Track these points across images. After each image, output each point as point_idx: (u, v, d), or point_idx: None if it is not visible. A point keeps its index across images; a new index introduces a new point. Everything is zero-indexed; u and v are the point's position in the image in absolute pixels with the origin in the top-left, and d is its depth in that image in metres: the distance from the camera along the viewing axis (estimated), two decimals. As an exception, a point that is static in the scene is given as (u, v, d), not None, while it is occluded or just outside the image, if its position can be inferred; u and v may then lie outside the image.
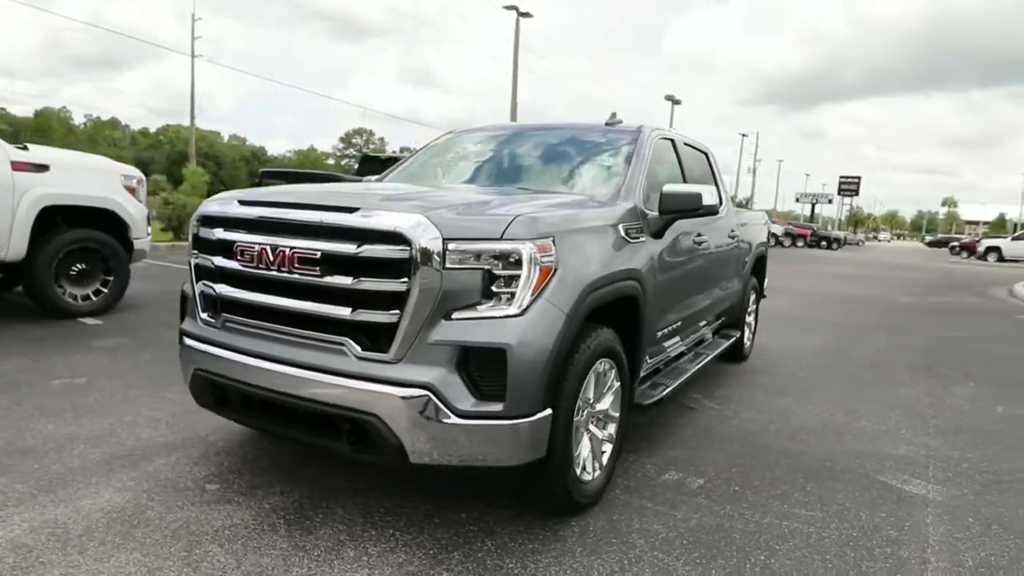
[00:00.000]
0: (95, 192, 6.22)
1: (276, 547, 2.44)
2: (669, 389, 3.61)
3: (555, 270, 2.43)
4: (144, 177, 6.98)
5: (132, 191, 6.61)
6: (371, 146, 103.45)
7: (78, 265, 6.19)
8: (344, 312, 2.35)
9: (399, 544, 2.50)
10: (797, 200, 75.65)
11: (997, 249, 33.39)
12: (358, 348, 2.35)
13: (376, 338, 2.35)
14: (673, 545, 2.60)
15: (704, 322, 4.57)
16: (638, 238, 3.14)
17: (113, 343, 5.35)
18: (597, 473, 2.87)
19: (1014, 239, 34.45)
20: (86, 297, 6.30)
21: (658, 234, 3.34)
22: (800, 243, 39.75)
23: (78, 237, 6.12)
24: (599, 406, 2.86)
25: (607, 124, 3.97)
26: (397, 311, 2.28)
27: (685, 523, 2.79)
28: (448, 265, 2.26)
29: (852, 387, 5.31)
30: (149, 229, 6.91)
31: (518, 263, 2.32)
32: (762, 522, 2.83)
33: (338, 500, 2.83)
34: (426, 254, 2.23)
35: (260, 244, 2.49)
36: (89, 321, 6.08)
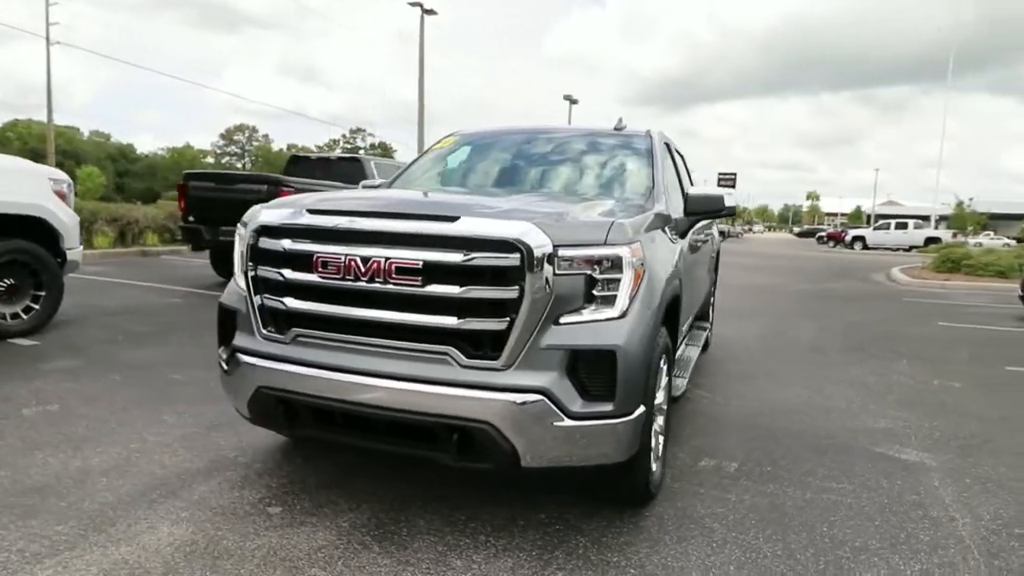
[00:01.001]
0: (21, 198, 5.61)
1: (379, 564, 2.39)
2: (687, 380, 3.83)
3: (644, 272, 2.54)
4: (72, 181, 6.37)
5: (62, 196, 6.02)
6: (255, 143, 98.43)
7: (5, 280, 5.57)
8: (450, 321, 2.33)
9: (499, 549, 2.52)
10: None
11: (862, 238, 37.19)
12: (463, 357, 2.35)
13: (482, 345, 2.35)
14: (745, 525, 2.79)
15: (692, 315, 4.85)
16: (675, 239, 3.32)
17: (65, 365, 4.87)
18: (656, 464, 3.01)
19: (875, 229, 38.47)
20: (15, 315, 5.67)
21: (684, 234, 3.54)
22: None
23: (4, 249, 5.49)
24: (657, 400, 3.00)
25: (616, 129, 4.11)
26: (507, 318, 2.30)
27: (742, 504, 2.99)
28: (557, 271, 2.31)
29: (808, 369, 5.81)
30: (81, 238, 6.32)
31: (619, 267, 2.41)
32: (806, 497, 3.09)
33: (413, 512, 2.79)
34: (538, 261, 2.27)
35: (348, 255, 2.42)
36: (23, 342, 5.48)
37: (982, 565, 2.53)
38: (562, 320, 2.35)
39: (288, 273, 2.56)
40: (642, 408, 2.49)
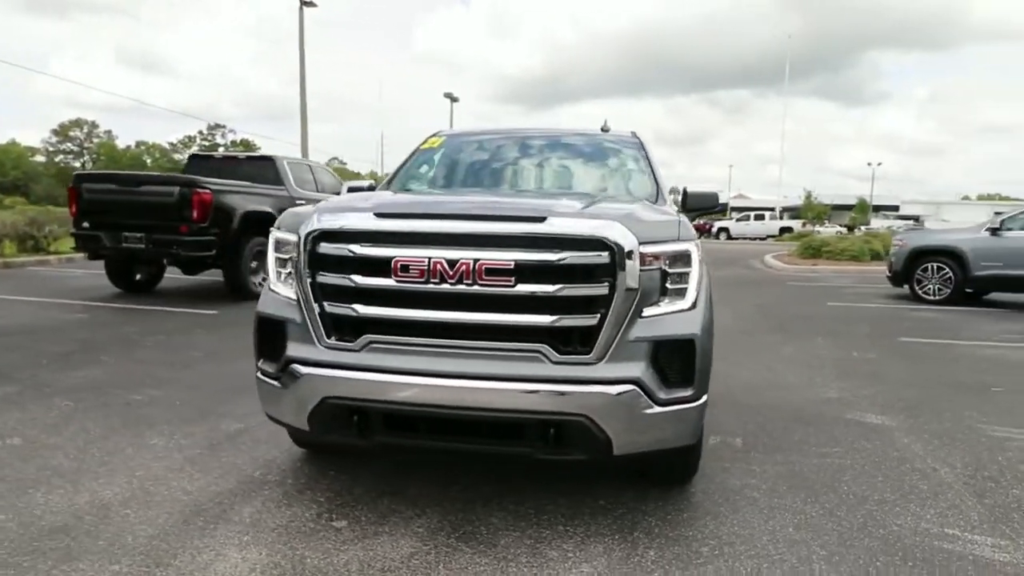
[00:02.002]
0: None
1: (478, 563, 2.41)
2: None
3: (702, 266, 2.73)
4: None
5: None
6: (96, 140, 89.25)
7: None
8: (544, 319, 2.39)
9: (583, 536, 2.62)
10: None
11: (726, 229, 40.47)
12: (555, 353, 2.42)
13: (573, 341, 2.43)
14: (779, 492, 3.08)
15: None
16: (686, 236, 3.56)
17: (-3, 393, 4.31)
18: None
19: (738, 220, 42.00)
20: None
21: (684, 230, 3.79)
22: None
23: None
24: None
25: (602, 130, 4.30)
26: (599, 313, 2.40)
27: (767, 474, 3.28)
28: (642, 267, 2.44)
29: (750, 350, 6.35)
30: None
31: (688, 262, 2.59)
32: (814, 463, 3.44)
33: (480, 512, 2.81)
34: (628, 258, 2.39)
35: (433, 258, 2.40)
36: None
37: (977, 504, 2.97)
38: (645, 313, 2.49)
39: (360, 279, 2.49)
40: (707, 392, 2.68)
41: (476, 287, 2.39)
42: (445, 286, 2.41)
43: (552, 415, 2.41)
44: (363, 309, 2.50)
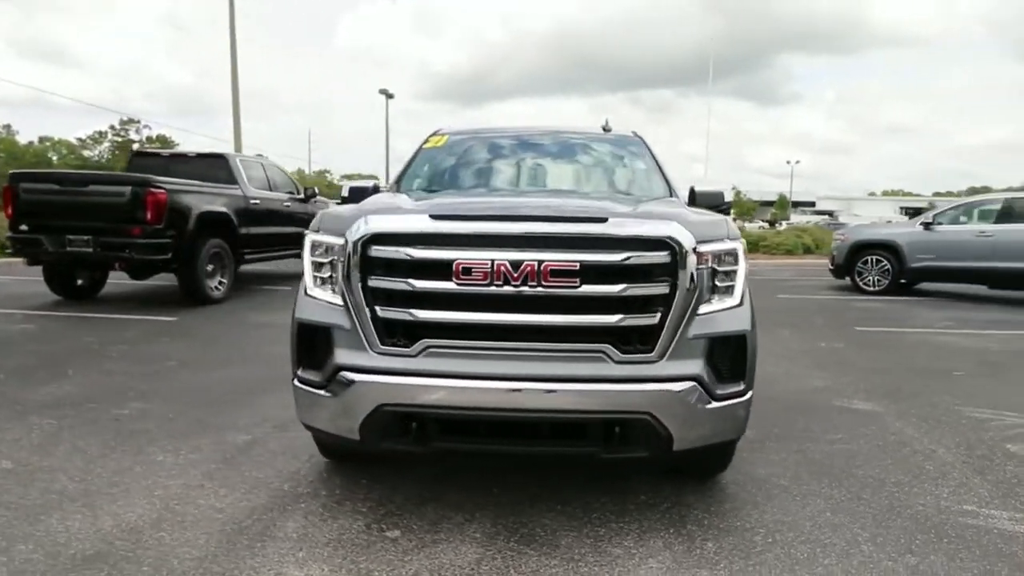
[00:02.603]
0: None
1: (548, 565, 2.41)
2: None
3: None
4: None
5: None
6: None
7: None
8: (610, 319, 2.41)
9: (639, 533, 2.66)
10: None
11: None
12: (618, 352, 2.44)
13: (634, 340, 2.46)
14: (804, 479, 3.21)
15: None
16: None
17: (-37, 413, 3.96)
18: None
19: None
20: None
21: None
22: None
23: None
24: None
25: (604, 130, 4.35)
26: (659, 313, 2.44)
27: (786, 463, 3.42)
28: (699, 266, 2.50)
29: (724, 343, 6.56)
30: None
31: (736, 260, 2.66)
32: (825, 450, 3.61)
33: (530, 514, 2.81)
34: (687, 257, 2.44)
35: (496, 260, 2.38)
36: None
37: (983, 482, 3.20)
38: (700, 311, 2.54)
39: (418, 282, 2.44)
40: (753, 386, 2.77)
41: (540, 289, 2.38)
42: (508, 288, 2.39)
43: (617, 414, 2.43)
44: (421, 313, 2.45)
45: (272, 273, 11.97)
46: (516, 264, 2.37)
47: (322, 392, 2.59)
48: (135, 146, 66.82)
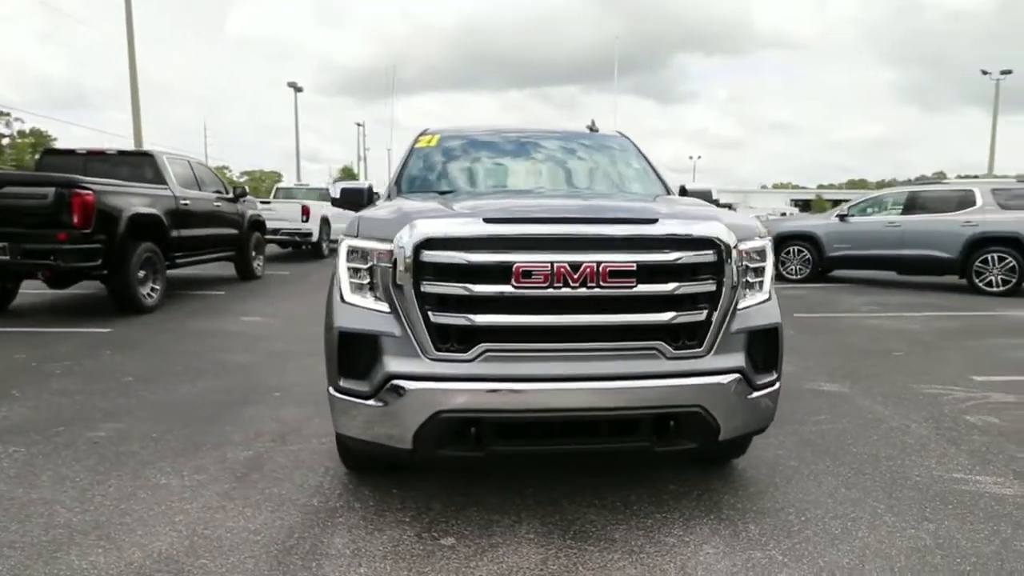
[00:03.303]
0: None
1: (613, 559, 2.46)
2: None
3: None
4: None
5: None
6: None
7: None
8: (664, 317, 2.49)
9: (684, 520, 2.76)
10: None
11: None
12: (670, 348, 2.53)
13: (683, 336, 2.55)
14: (808, 459, 3.43)
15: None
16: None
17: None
18: None
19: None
20: None
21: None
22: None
23: None
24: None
25: (591, 130, 4.43)
26: (707, 309, 2.55)
27: (786, 444, 3.64)
28: (738, 263, 2.62)
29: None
30: None
31: (765, 256, 2.81)
32: (815, 430, 3.87)
33: (573, 510, 2.85)
34: (731, 256, 2.56)
35: (556, 262, 2.40)
36: None
37: (959, 452, 3.54)
38: (740, 305, 2.67)
39: (475, 286, 2.42)
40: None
41: (598, 289, 2.43)
42: (566, 290, 2.42)
43: (671, 408, 2.52)
44: (479, 317, 2.44)
45: (199, 277, 11.33)
46: (576, 266, 2.40)
47: (370, 402, 2.52)
48: (4, 140, 60.77)
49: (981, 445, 3.63)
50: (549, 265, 2.39)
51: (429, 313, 2.46)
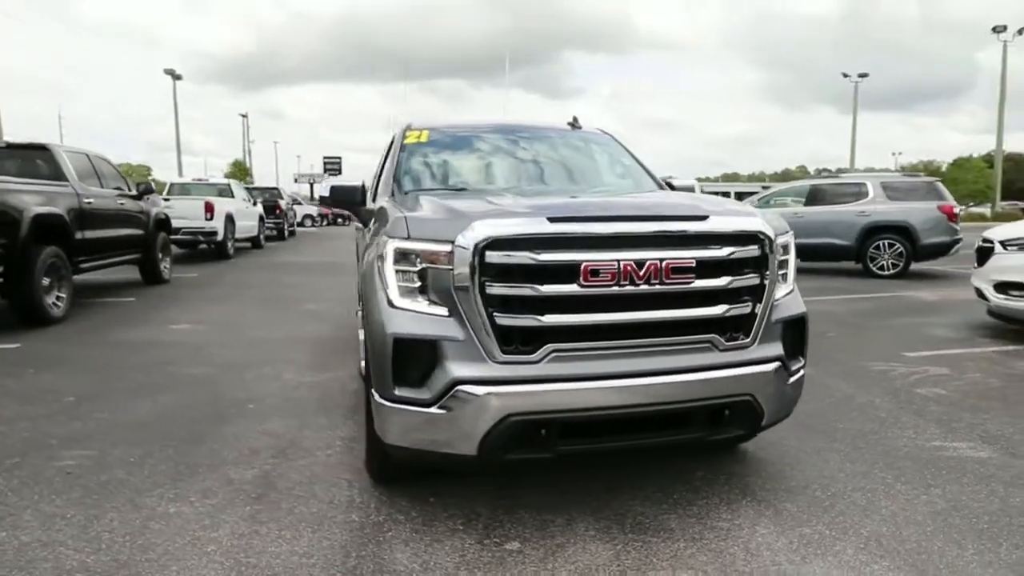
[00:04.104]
0: None
1: (681, 548, 2.53)
2: None
3: None
4: None
5: None
6: None
7: None
8: (718, 310, 2.57)
9: (727, 505, 2.88)
10: (296, 180, 78.27)
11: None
12: (723, 340, 2.62)
13: (733, 328, 2.65)
14: (806, 438, 3.67)
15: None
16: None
17: None
18: None
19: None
20: None
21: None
22: (325, 222, 42.09)
23: None
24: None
25: (574, 127, 4.46)
26: (753, 301, 2.66)
27: (780, 425, 3.82)
28: (776, 256, 2.76)
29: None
30: None
31: (789, 249, 2.97)
32: (803, 410, 3.95)
33: (619, 504, 2.89)
34: (773, 249, 2.69)
35: (623, 260, 2.42)
36: None
37: (925, 422, 3.92)
38: (776, 297, 2.81)
39: (544, 287, 2.39)
40: None
41: (660, 286, 2.47)
42: (630, 287, 2.45)
43: (726, 398, 2.61)
44: (547, 318, 2.41)
45: (102, 283, 10.31)
46: (640, 263, 2.44)
47: (432, 410, 2.43)
48: None
49: (942, 415, 4.04)
50: (616, 263, 2.41)
51: (494, 315, 2.40)
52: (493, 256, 2.39)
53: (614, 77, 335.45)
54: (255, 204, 18.89)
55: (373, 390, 2.62)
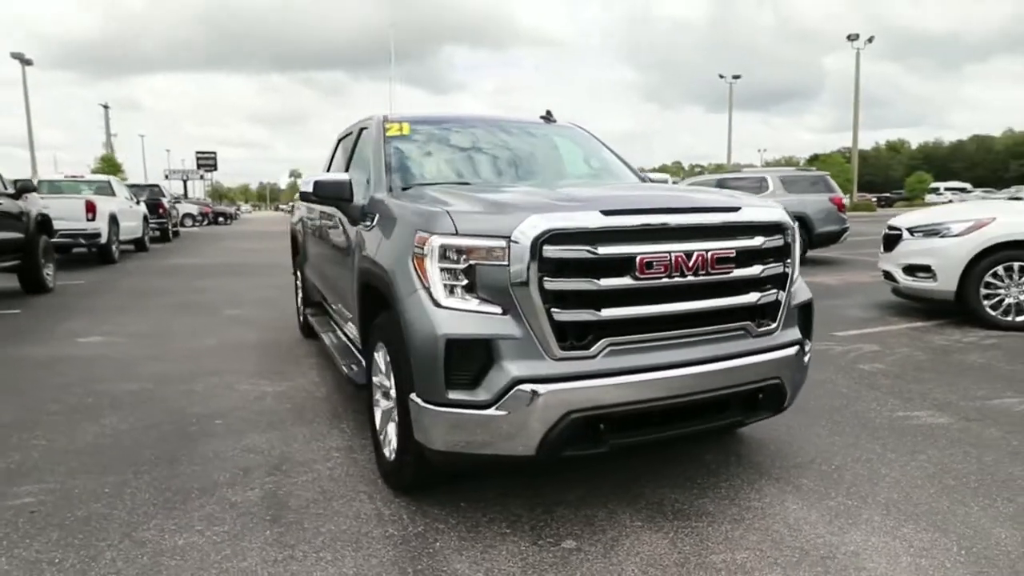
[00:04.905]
0: None
1: (725, 530, 2.60)
2: None
3: None
4: None
5: None
6: None
7: None
8: (752, 298, 2.66)
9: (756, 488, 2.99)
10: (167, 177, 72.55)
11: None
12: (755, 327, 2.72)
13: (758, 315, 2.76)
14: (791, 418, 3.81)
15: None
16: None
17: None
18: None
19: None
20: None
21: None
22: (206, 221, 39.62)
23: None
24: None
25: (548, 120, 4.45)
26: (777, 288, 2.78)
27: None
28: (795, 245, 2.90)
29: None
30: None
31: (795, 238, 3.12)
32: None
33: (652, 494, 2.93)
34: (794, 238, 2.83)
35: (674, 252, 2.45)
36: None
37: (882, 395, 4.28)
38: (791, 283, 2.95)
39: (603, 280, 2.37)
40: None
41: (705, 276, 2.53)
42: (679, 278, 2.48)
43: (761, 382, 2.72)
44: (606, 312, 2.40)
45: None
46: (689, 254, 2.48)
47: (490, 411, 2.35)
48: None
49: (892, 387, 4.42)
50: (668, 255, 2.44)
51: (552, 311, 2.35)
52: (551, 250, 2.33)
53: (497, 73, 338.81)
54: (139, 203, 17.35)
55: (415, 396, 2.49)
